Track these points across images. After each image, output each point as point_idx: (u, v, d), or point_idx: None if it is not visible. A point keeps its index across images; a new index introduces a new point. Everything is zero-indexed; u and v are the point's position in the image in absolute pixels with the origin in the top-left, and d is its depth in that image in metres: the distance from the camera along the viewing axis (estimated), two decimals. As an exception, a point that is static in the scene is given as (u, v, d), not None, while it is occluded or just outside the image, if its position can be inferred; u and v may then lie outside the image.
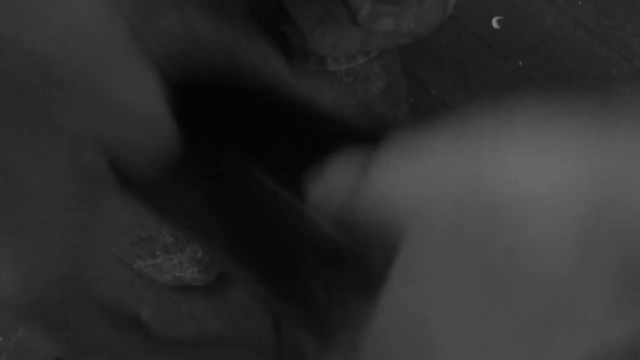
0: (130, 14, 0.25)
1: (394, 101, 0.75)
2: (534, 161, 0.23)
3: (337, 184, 0.28)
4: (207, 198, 0.35)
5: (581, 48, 0.87)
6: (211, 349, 0.36)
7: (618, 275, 0.21)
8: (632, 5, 0.89)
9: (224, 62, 0.30)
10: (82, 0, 0.24)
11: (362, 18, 0.59)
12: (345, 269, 0.30)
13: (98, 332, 0.30)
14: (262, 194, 0.36)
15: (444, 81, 0.85)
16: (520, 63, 0.86)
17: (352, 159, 0.28)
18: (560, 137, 0.23)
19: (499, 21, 0.87)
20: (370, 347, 0.26)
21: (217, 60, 0.30)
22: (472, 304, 0.23)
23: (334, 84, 0.70)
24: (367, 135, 0.29)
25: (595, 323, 0.22)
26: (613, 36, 0.88)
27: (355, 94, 0.71)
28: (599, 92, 0.87)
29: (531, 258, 0.22)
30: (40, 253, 0.27)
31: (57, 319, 0.28)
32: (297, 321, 0.35)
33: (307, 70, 0.70)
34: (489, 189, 0.23)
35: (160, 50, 0.28)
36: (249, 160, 0.35)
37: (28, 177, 0.25)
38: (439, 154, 0.24)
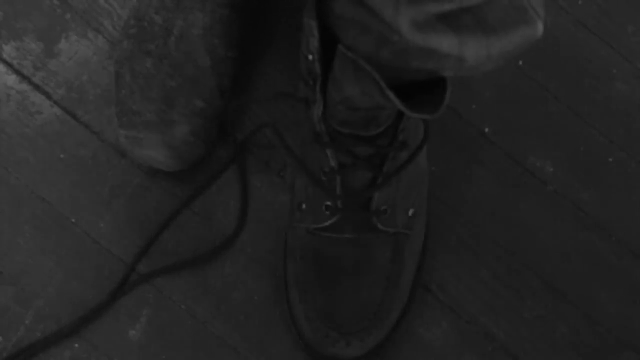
0: None
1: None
2: None
3: None
4: None
5: (581, 48, 0.87)
6: None
7: None
8: (632, 5, 0.89)
9: None
10: None
11: None
12: None
13: None
14: None
15: (444, 81, 0.85)
16: (520, 63, 0.86)
17: None
18: None
19: (499, 21, 0.86)
20: None
21: None
22: None
23: None
24: None
25: None
26: (613, 36, 0.88)
27: None
28: (599, 92, 0.87)
29: None
30: None
31: None
32: None
33: None
34: None
35: None
36: None
37: None
38: None
